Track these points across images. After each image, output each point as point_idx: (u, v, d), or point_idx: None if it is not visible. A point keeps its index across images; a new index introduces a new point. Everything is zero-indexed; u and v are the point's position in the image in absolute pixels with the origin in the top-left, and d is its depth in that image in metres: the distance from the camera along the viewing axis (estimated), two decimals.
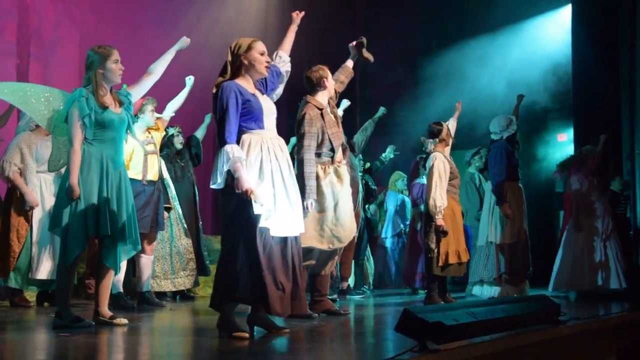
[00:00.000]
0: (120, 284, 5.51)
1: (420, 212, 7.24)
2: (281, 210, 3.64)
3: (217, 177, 3.60)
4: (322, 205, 4.78)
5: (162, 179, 6.00)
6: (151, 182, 5.73)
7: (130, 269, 5.93)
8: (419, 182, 7.96)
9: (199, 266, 6.58)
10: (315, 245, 4.73)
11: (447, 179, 5.80)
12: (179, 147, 6.72)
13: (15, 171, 5.75)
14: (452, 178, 5.87)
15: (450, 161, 5.94)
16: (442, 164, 5.80)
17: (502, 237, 6.43)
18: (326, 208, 4.79)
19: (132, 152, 5.58)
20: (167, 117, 6.12)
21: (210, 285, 4.81)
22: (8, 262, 5.69)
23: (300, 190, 4.31)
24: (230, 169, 3.55)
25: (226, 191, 3.62)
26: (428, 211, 5.78)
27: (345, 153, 5.07)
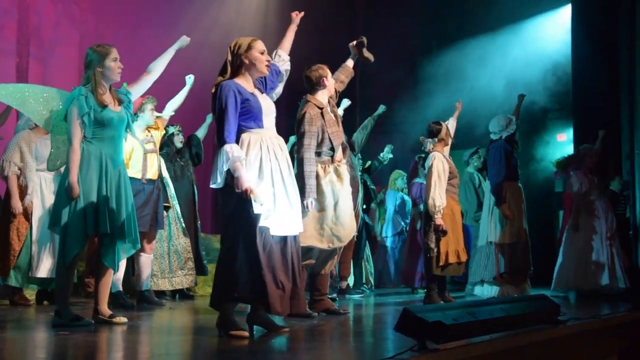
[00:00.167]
0: (119, 283, 5.50)
1: (419, 212, 7.23)
2: (281, 210, 3.64)
3: (217, 177, 3.60)
4: (322, 204, 4.77)
5: (161, 177, 6.00)
6: (150, 181, 5.72)
7: (130, 268, 5.93)
8: (418, 181, 7.97)
9: (197, 266, 6.57)
10: (315, 244, 4.73)
11: (446, 179, 5.80)
12: (179, 146, 6.71)
13: (14, 172, 5.74)
14: (451, 178, 5.86)
15: (449, 161, 5.93)
16: (441, 163, 5.80)
17: (502, 237, 6.42)
18: (326, 207, 4.78)
19: (131, 151, 5.57)
20: (167, 116, 6.10)
21: (210, 284, 4.80)
22: (8, 260, 5.68)
23: (300, 189, 4.32)
24: (230, 169, 3.55)
25: (226, 190, 3.61)
26: (427, 211, 5.78)
27: (345, 152, 5.06)
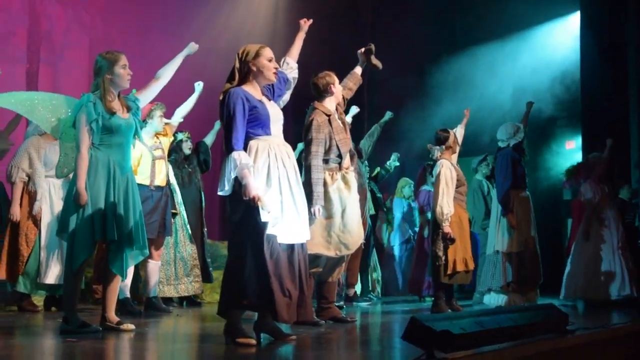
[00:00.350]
0: (127, 289, 5.51)
1: (427, 219, 7.21)
2: (288, 217, 3.64)
3: (225, 184, 3.60)
4: (330, 211, 4.76)
5: (169, 184, 6.01)
6: (159, 188, 5.73)
7: (137, 274, 5.93)
8: (426, 188, 7.95)
9: (203, 273, 6.56)
10: (322, 252, 4.71)
11: (454, 187, 5.78)
12: (188, 152, 6.72)
13: (21, 178, 5.77)
14: (459, 185, 5.84)
15: (457, 168, 5.91)
16: (448, 171, 5.78)
17: (509, 245, 6.39)
18: (334, 214, 4.77)
19: (140, 158, 5.59)
20: (176, 122, 6.10)
21: (217, 291, 4.80)
22: (17, 266, 5.70)
23: (308, 197, 4.31)
24: (238, 176, 3.55)
25: (233, 198, 3.61)
26: (435, 219, 5.76)
27: (353, 159, 5.05)
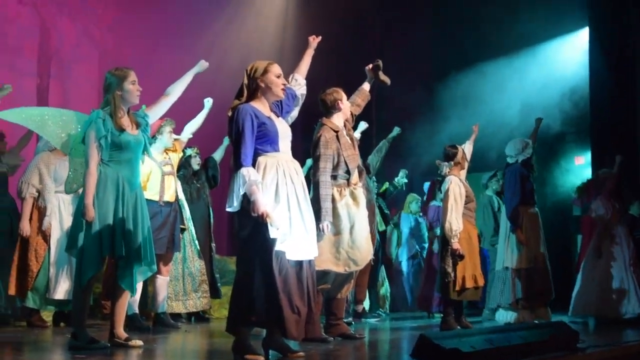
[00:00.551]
0: (136, 305, 5.51)
1: (436, 235, 7.19)
2: (296, 234, 3.64)
3: (233, 200, 3.61)
4: (338, 227, 4.75)
5: (177, 199, 6.02)
6: (168, 203, 5.74)
7: (146, 290, 5.93)
8: (435, 204, 7.92)
9: (211, 288, 6.55)
10: (331, 268, 4.70)
11: (462, 203, 5.77)
12: (196, 168, 6.74)
13: (31, 194, 5.80)
14: (468, 201, 5.83)
15: (465, 184, 5.90)
16: (457, 187, 5.77)
17: (518, 262, 6.35)
18: (342, 230, 4.76)
19: (149, 173, 5.60)
20: (185, 138, 6.12)
21: (226, 306, 4.80)
22: (26, 282, 5.72)
23: (316, 213, 4.31)
24: (246, 192, 3.56)
25: (242, 214, 3.62)
26: (444, 235, 5.75)
27: (361, 175, 5.05)
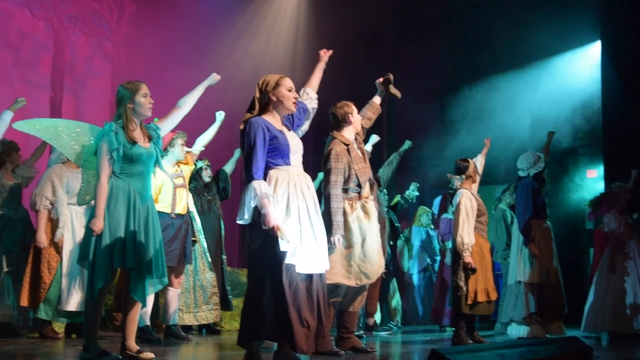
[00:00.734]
0: (147, 317, 5.51)
1: (448, 248, 7.16)
2: (307, 247, 3.64)
3: (244, 213, 3.62)
4: (350, 241, 4.75)
5: (188, 211, 6.03)
6: (179, 216, 5.75)
7: (157, 302, 5.93)
8: (447, 217, 7.90)
9: (222, 301, 6.54)
10: (342, 282, 4.69)
11: (474, 216, 5.74)
12: (207, 180, 6.76)
13: (45, 206, 5.83)
14: (479, 215, 5.81)
15: (477, 198, 5.88)
16: (469, 201, 5.75)
17: (531, 276, 6.31)
18: (353, 244, 4.75)
19: (161, 186, 5.62)
20: (197, 151, 6.14)
21: (237, 319, 4.82)
22: (38, 293, 5.73)
23: (327, 226, 4.31)
24: (258, 205, 3.57)
25: (253, 227, 3.63)
26: (456, 249, 5.72)
27: (372, 189, 5.05)
